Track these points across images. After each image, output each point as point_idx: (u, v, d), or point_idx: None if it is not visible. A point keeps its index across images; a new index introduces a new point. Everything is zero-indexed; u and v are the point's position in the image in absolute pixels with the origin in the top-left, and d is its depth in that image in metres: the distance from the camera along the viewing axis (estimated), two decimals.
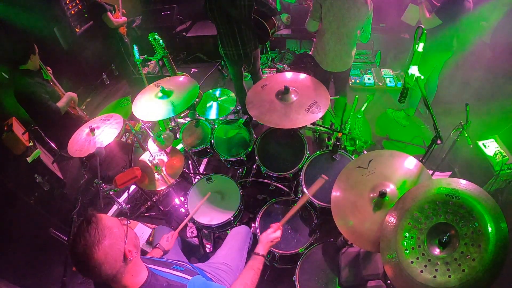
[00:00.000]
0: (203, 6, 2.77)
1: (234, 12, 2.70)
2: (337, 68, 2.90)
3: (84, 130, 2.36)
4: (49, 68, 3.11)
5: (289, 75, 2.41)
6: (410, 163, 1.65)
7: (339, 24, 2.61)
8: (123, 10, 4.07)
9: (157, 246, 1.79)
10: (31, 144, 3.02)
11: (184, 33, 5.22)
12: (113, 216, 1.21)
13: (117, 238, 1.07)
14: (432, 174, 2.45)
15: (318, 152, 2.33)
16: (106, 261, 1.02)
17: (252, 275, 1.42)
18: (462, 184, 1.25)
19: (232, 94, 3.08)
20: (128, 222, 1.19)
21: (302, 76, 2.34)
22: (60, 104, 2.87)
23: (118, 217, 1.22)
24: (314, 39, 2.94)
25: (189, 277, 1.28)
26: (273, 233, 1.57)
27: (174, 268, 1.34)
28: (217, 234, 2.62)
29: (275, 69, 4.69)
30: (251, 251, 2.02)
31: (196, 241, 2.56)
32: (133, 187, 3.02)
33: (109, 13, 3.70)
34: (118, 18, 3.89)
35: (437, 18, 2.77)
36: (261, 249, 1.52)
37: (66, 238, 2.24)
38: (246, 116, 2.43)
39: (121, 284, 1.11)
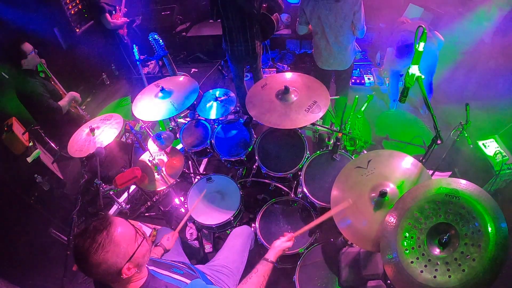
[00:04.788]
0: (211, 2, 2.79)
1: (247, 5, 2.74)
2: (332, 67, 2.91)
3: (84, 130, 2.37)
4: (43, 60, 3.08)
5: (289, 75, 2.41)
6: (409, 162, 1.65)
7: (323, 26, 2.63)
8: (124, 9, 4.07)
9: (158, 244, 1.80)
10: (31, 144, 3.02)
11: (184, 33, 5.22)
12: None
13: (119, 256, 1.06)
14: (432, 174, 2.45)
15: (318, 152, 2.33)
16: (98, 269, 1.04)
17: (262, 282, 1.42)
18: (462, 184, 1.25)
19: (232, 94, 3.08)
20: (145, 236, 1.18)
21: (302, 76, 2.34)
22: (62, 103, 2.88)
23: (138, 229, 1.19)
24: (313, 38, 2.95)
25: (188, 281, 1.27)
26: (287, 242, 1.59)
27: (173, 271, 1.34)
28: (217, 234, 2.62)
29: (275, 69, 4.69)
30: (253, 251, 2.03)
31: (196, 243, 2.56)
32: (133, 187, 3.01)
33: (107, 15, 3.70)
34: (117, 20, 3.89)
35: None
36: (272, 255, 1.53)
37: (66, 238, 2.24)
38: (246, 116, 2.43)
39: (119, 286, 1.13)
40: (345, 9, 2.50)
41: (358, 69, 4.39)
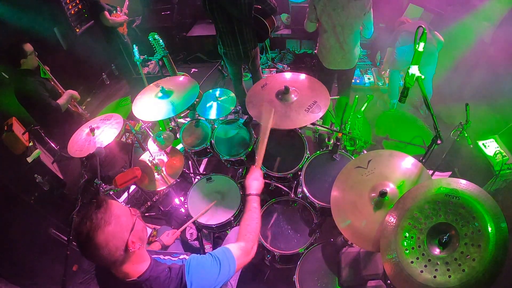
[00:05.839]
0: (202, 5, 2.77)
1: (234, 11, 2.70)
2: (339, 66, 2.90)
3: (84, 130, 2.36)
4: (47, 68, 3.11)
5: (288, 75, 2.40)
6: (410, 163, 1.65)
7: (334, 23, 2.62)
8: (125, 10, 4.08)
9: (157, 240, 1.81)
10: (31, 144, 3.02)
11: (184, 33, 5.23)
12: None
13: (122, 227, 1.08)
14: (432, 174, 2.45)
15: (318, 152, 2.33)
16: (106, 247, 1.03)
17: (250, 215, 1.45)
18: (462, 184, 1.25)
19: (232, 94, 3.08)
20: (138, 214, 1.21)
21: (302, 76, 2.33)
22: (61, 101, 2.88)
23: (130, 207, 1.25)
24: (319, 37, 2.94)
25: (187, 257, 1.30)
26: (253, 173, 1.59)
27: (174, 255, 1.37)
28: (217, 234, 2.62)
29: (275, 69, 4.69)
30: None
31: (196, 243, 2.56)
32: (133, 187, 3.01)
33: (106, 12, 3.70)
34: (117, 17, 3.89)
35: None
36: (250, 189, 1.53)
37: (66, 238, 2.24)
38: (246, 116, 2.42)
39: (122, 271, 1.13)
40: (358, 8, 2.51)
41: (358, 69, 4.40)
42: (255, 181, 1.56)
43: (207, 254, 1.29)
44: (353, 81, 4.13)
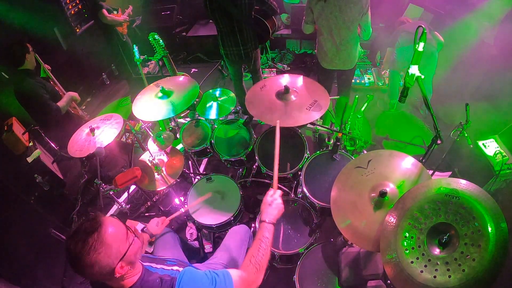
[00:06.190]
0: (203, 5, 2.77)
1: (234, 11, 2.70)
2: (337, 67, 2.89)
3: (84, 130, 2.37)
4: (48, 67, 3.11)
5: (286, 79, 2.33)
6: (410, 163, 1.65)
7: (331, 26, 2.61)
8: (130, 12, 4.09)
9: (144, 230, 1.81)
10: (31, 144, 3.02)
11: (184, 33, 5.23)
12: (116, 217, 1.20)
13: (111, 256, 1.07)
14: (432, 174, 2.45)
15: (318, 152, 2.33)
16: (92, 269, 1.05)
17: (259, 245, 1.30)
18: (462, 184, 1.25)
19: (232, 94, 3.08)
20: (135, 236, 1.19)
21: (300, 79, 2.28)
22: (61, 103, 2.88)
23: (128, 228, 1.19)
24: (317, 39, 2.94)
25: (181, 269, 1.29)
26: (269, 196, 1.44)
27: (167, 263, 1.36)
28: (217, 234, 2.62)
29: (275, 69, 4.69)
30: None
31: (196, 244, 2.56)
32: (133, 187, 3.01)
33: (104, 10, 3.71)
34: (117, 17, 3.89)
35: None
36: (264, 216, 1.38)
37: (66, 238, 2.24)
38: (246, 116, 2.41)
39: (113, 284, 1.16)
40: (355, 11, 2.50)
41: (358, 69, 4.39)
42: (269, 206, 1.39)
43: (205, 271, 1.27)
44: (353, 81, 4.16)
